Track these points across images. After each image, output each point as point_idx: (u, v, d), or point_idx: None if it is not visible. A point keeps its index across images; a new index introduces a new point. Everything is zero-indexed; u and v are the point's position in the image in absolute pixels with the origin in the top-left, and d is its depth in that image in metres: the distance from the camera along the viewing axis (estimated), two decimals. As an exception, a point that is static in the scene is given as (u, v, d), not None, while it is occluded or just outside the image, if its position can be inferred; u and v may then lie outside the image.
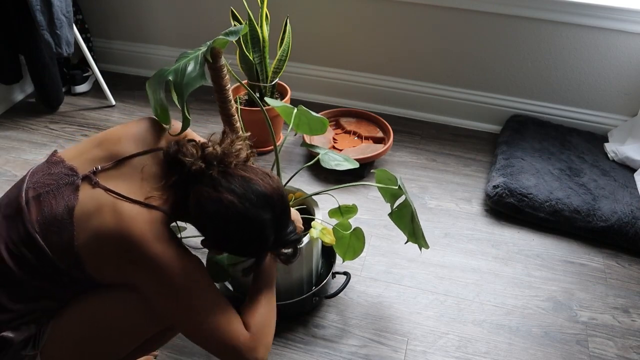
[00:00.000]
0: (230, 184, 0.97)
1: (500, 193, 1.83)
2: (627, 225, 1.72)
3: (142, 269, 0.96)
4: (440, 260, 1.71)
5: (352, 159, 1.44)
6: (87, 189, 0.98)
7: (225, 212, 0.96)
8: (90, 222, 0.95)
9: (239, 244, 1.01)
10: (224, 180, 0.98)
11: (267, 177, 1.01)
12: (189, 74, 1.01)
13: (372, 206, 1.90)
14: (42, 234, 0.95)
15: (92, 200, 0.97)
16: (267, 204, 0.99)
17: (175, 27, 2.49)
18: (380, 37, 2.24)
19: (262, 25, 1.91)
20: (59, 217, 0.95)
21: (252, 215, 0.97)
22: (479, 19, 2.08)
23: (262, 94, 2.04)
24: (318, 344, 1.45)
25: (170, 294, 0.98)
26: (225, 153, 1.01)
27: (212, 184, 0.97)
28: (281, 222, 1.03)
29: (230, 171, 0.99)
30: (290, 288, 1.46)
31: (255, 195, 0.97)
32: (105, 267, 0.98)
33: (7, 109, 2.40)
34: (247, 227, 0.98)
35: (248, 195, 0.97)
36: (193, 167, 0.98)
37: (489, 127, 2.33)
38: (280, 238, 1.04)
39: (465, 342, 1.46)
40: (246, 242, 1.01)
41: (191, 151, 1.00)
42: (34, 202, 0.98)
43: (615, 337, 1.49)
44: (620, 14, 1.91)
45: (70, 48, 2.09)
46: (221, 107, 1.13)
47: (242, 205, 0.96)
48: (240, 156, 1.03)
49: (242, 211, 0.96)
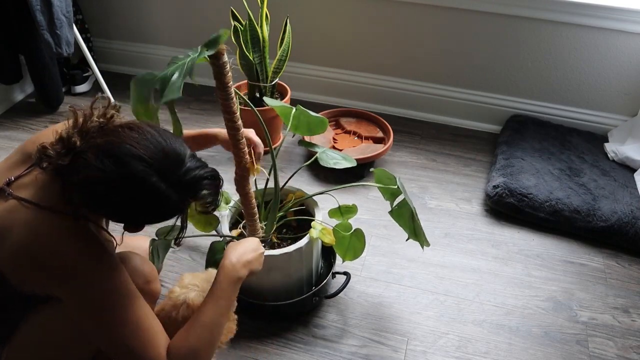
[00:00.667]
0: (85, 161, 0.89)
1: (500, 193, 1.83)
2: (627, 225, 1.72)
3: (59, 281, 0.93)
4: (440, 260, 1.71)
5: (350, 158, 1.44)
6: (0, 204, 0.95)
7: (94, 189, 0.89)
8: (7, 238, 0.92)
9: (137, 209, 0.92)
10: (78, 161, 0.90)
11: (123, 131, 0.92)
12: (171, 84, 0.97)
13: (372, 206, 1.90)
14: None
15: (6, 214, 0.94)
16: (130, 157, 0.88)
17: (175, 27, 2.49)
18: (380, 37, 2.24)
19: (262, 25, 1.91)
20: None
21: (118, 176, 0.88)
22: (479, 19, 2.08)
23: (262, 94, 2.04)
24: (318, 344, 1.44)
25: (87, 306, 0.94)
26: (68, 136, 0.94)
27: (72, 171, 0.90)
28: (163, 164, 0.91)
29: (81, 148, 0.91)
30: (290, 288, 1.46)
31: (111, 156, 0.88)
32: (29, 282, 0.95)
33: (7, 109, 2.40)
34: (124, 189, 0.89)
35: (102, 161, 0.88)
36: (59, 165, 0.91)
37: (489, 127, 2.33)
38: (178, 180, 0.92)
39: (465, 342, 1.46)
40: (141, 203, 0.91)
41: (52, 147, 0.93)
42: None
43: (615, 337, 1.48)
44: (620, 14, 1.91)
45: (70, 48, 2.09)
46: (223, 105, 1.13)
47: (100, 173, 0.87)
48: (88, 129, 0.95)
49: (104, 177, 0.87)
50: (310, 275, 1.50)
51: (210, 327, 1.03)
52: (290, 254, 1.35)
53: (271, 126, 2.07)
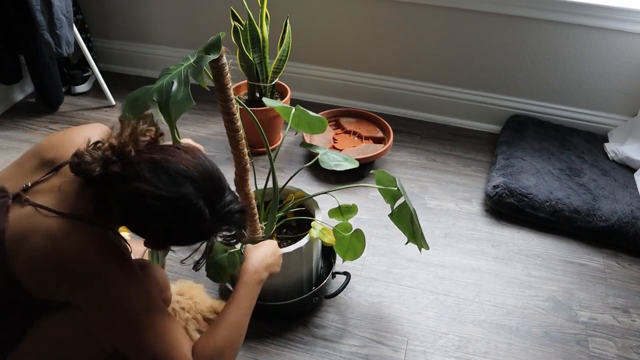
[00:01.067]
0: (138, 172, 0.89)
1: (500, 193, 1.83)
2: (627, 225, 1.72)
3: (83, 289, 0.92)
4: (440, 260, 1.71)
5: (352, 159, 1.44)
6: (17, 210, 0.93)
7: (142, 202, 0.88)
8: (24, 244, 0.91)
9: (175, 229, 0.93)
10: (129, 171, 0.90)
11: (176, 151, 0.93)
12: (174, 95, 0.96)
13: (372, 206, 1.90)
14: None
15: (23, 221, 0.92)
16: (184, 177, 0.90)
17: (175, 27, 2.49)
18: (380, 37, 2.24)
19: (262, 25, 1.91)
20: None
21: (170, 194, 0.88)
22: (479, 19, 2.08)
23: (262, 94, 2.04)
24: (318, 344, 1.45)
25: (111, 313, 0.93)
26: (122, 144, 0.93)
27: (121, 179, 0.90)
28: (210, 191, 0.93)
29: (134, 159, 0.91)
30: (290, 288, 1.46)
31: (165, 172, 0.89)
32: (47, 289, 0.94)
33: (7, 109, 2.40)
34: (171, 209, 0.89)
35: (158, 176, 0.88)
36: (94, 174, 0.90)
37: (489, 127, 2.33)
38: (219, 210, 0.94)
39: (465, 342, 1.46)
40: (181, 226, 0.92)
41: (95, 156, 0.92)
42: None
43: (615, 337, 1.48)
44: (620, 14, 1.91)
45: (70, 48, 2.09)
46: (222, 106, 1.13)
47: (154, 188, 0.88)
48: (140, 141, 0.95)
49: (157, 194, 0.88)
50: (310, 275, 1.50)
51: (235, 328, 1.04)
52: (290, 254, 1.35)
53: (271, 126, 2.07)
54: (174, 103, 0.97)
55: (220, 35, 1.02)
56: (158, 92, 0.99)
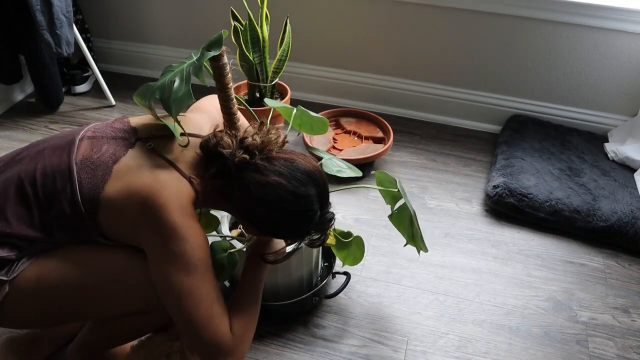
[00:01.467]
0: (275, 167, 1.01)
1: (500, 193, 1.83)
2: (627, 225, 1.72)
3: (157, 233, 0.97)
4: (440, 260, 1.71)
5: (355, 168, 1.42)
6: (139, 148, 1.04)
7: (276, 194, 0.99)
8: (128, 176, 0.99)
9: (289, 224, 1.04)
10: (268, 164, 1.01)
11: (305, 156, 1.06)
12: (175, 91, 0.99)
13: (372, 206, 1.90)
14: (79, 168, 1.00)
15: (139, 159, 1.02)
16: (312, 180, 1.02)
17: (175, 27, 2.49)
18: (380, 37, 2.24)
19: (262, 25, 1.91)
20: (102, 160, 1.01)
21: (302, 192, 1.00)
22: (479, 19, 2.08)
23: (262, 94, 2.04)
24: (318, 344, 1.45)
25: (174, 267, 0.97)
26: (264, 142, 1.04)
27: (258, 170, 1.01)
28: (325, 197, 1.06)
29: (272, 156, 1.04)
30: (290, 288, 1.46)
31: (300, 172, 1.01)
32: (120, 223, 1.00)
33: (7, 109, 2.40)
34: (297, 205, 1.01)
35: (294, 174, 1.01)
36: (236, 159, 1.01)
37: (489, 127, 2.33)
38: (323, 215, 1.07)
39: (465, 342, 1.46)
40: (295, 221, 1.03)
41: (228, 142, 1.03)
42: (88, 141, 1.04)
43: (615, 337, 1.49)
44: (620, 14, 1.91)
45: (70, 48, 2.09)
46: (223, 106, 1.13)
47: (290, 184, 1.00)
48: (278, 142, 1.07)
49: (292, 189, 1.00)
50: (310, 275, 1.50)
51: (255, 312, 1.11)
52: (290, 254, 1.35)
53: (271, 126, 2.07)
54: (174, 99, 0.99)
55: (222, 33, 1.02)
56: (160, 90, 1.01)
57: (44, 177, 1.00)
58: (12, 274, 1.00)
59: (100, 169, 1.00)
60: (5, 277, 0.99)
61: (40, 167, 1.01)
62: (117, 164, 1.01)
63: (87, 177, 0.99)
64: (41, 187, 1.00)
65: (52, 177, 1.00)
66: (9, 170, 1.04)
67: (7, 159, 1.08)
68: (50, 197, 0.99)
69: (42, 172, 1.01)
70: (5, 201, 1.00)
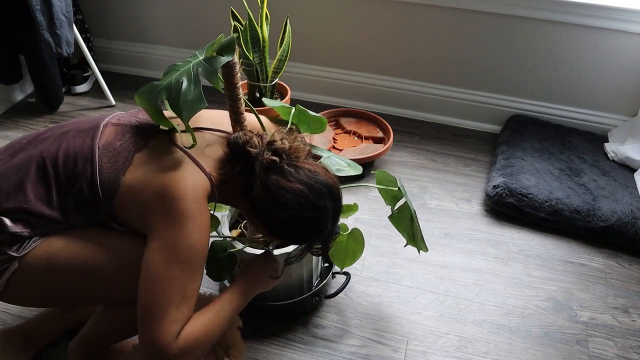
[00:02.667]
0: (300, 175, 1.03)
1: (500, 193, 1.83)
2: (627, 225, 1.72)
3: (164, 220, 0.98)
4: (440, 260, 1.71)
5: (356, 165, 1.40)
6: (160, 139, 1.06)
7: (297, 201, 1.01)
8: (148, 166, 1.02)
9: (301, 231, 1.06)
10: (294, 171, 1.03)
11: (327, 171, 1.08)
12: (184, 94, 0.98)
13: (372, 206, 1.90)
14: (102, 152, 1.02)
15: (159, 150, 1.04)
16: (331, 194, 1.05)
17: (175, 27, 2.49)
18: (380, 37, 2.24)
19: (262, 25, 1.91)
20: (124, 147, 1.03)
21: (320, 204, 1.03)
22: (479, 19, 2.08)
23: (262, 94, 2.04)
24: (318, 344, 1.45)
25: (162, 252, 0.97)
26: (292, 147, 1.06)
27: (283, 174, 1.02)
28: (338, 212, 1.09)
29: (298, 163, 1.05)
30: (290, 288, 1.46)
31: (322, 185, 1.04)
32: (133, 210, 1.02)
33: (7, 109, 2.40)
34: (313, 215, 1.03)
35: (316, 186, 1.03)
36: (264, 159, 1.03)
37: (489, 127, 2.33)
38: (332, 229, 1.11)
39: (465, 342, 1.46)
40: (306, 229, 1.05)
41: (257, 143, 1.05)
42: (112, 127, 1.07)
43: (615, 337, 1.49)
44: (620, 14, 1.92)
45: (70, 48, 2.09)
46: (231, 105, 1.13)
47: (312, 194, 1.02)
48: (305, 150, 1.09)
49: (312, 200, 1.02)
50: (310, 275, 1.50)
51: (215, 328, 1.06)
52: (290, 254, 1.35)
53: (271, 126, 2.07)
54: (185, 102, 0.98)
55: (234, 37, 1.02)
56: (167, 90, 0.99)
57: (66, 158, 1.02)
58: (22, 250, 1.01)
59: (121, 155, 1.02)
60: (16, 253, 1.00)
61: (64, 147, 1.04)
62: (139, 153, 1.03)
63: (107, 163, 1.02)
64: (63, 167, 1.02)
65: (74, 159, 1.02)
66: (32, 148, 1.06)
67: (31, 137, 1.10)
68: (71, 178, 1.01)
69: (65, 153, 1.03)
70: (26, 176, 1.02)
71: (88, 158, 1.02)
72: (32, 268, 1.01)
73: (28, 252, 1.01)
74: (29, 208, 1.00)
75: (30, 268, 1.01)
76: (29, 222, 1.01)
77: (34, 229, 1.02)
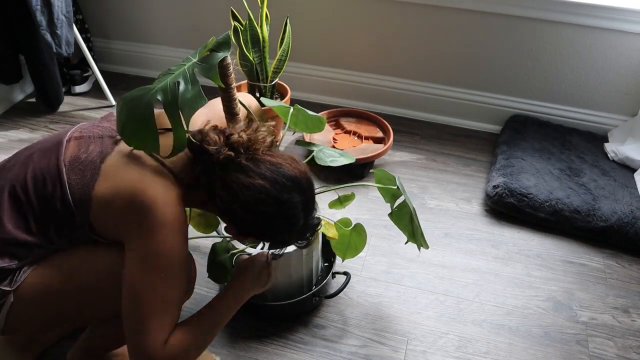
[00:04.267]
0: (260, 169, 0.98)
1: (500, 193, 1.83)
2: (627, 225, 1.72)
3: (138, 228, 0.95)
4: (440, 260, 1.71)
5: (348, 154, 1.41)
6: (126, 146, 1.01)
7: (258, 197, 0.97)
8: (116, 174, 0.98)
9: (270, 228, 1.02)
10: (253, 166, 0.99)
11: (294, 161, 1.03)
12: (182, 93, 0.96)
13: (372, 206, 1.90)
14: (68, 168, 0.99)
15: (126, 157, 1.00)
16: (297, 186, 1.00)
17: (175, 27, 2.49)
18: (380, 37, 2.24)
19: (262, 25, 1.91)
20: (90, 159, 0.99)
21: (284, 198, 0.98)
22: (479, 19, 2.08)
23: (262, 94, 2.04)
24: (318, 344, 1.45)
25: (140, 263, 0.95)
26: (251, 140, 1.01)
27: (242, 170, 0.98)
28: (310, 204, 1.05)
29: (258, 157, 1.00)
30: (290, 288, 1.46)
31: (285, 178, 0.99)
32: (109, 220, 0.99)
33: (7, 109, 2.40)
34: (279, 210, 0.99)
35: (279, 179, 0.98)
36: (221, 156, 0.98)
37: (489, 127, 2.33)
38: (307, 222, 1.05)
39: (465, 342, 1.46)
40: (277, 226, 1.02)
41: (214, 139, 1.00)
42: (75, 141, 1.03)
43: (615, 337, 1.49)
44: (620, 14, 1.92)
45: (70, 48, 2.09)
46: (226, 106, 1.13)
47: (273, 189, 0.97)
48: (266, 142, 1.03)
49: (274, 194, 0.97)
50: (310, 275, 1.50)
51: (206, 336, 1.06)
52: (290, 254, 1.35)
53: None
54: (185, 101, 0.96)
55: (229, 34, 1.01)
56: (162, 92, 0.98)
57: (35, 181, 0.99)
58: (15, 283, 0.99)
59: (88, 169, 0.99)
60: (9, 287, 0.98)
61: (31, 171, 1.00)
62: (105, 162, 0.99)
63: (76, 178, 0.98)
64: (33, 191, 0.99)
65: (42, 180, 0.99)
66: (1, 179, 1.03)
67: None
68: (43, 201, 0.98)
69: (33, 177, 1.00)
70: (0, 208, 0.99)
71: (56, 177, 0.98)
72: (27, 298, 1.00)
73: (20, 283, 0.99)
74: (10, 239, 0.98)
75: (25, 299, 1.00)
76: (14, 253, 0.99)
77: (20, 260, 0.99)
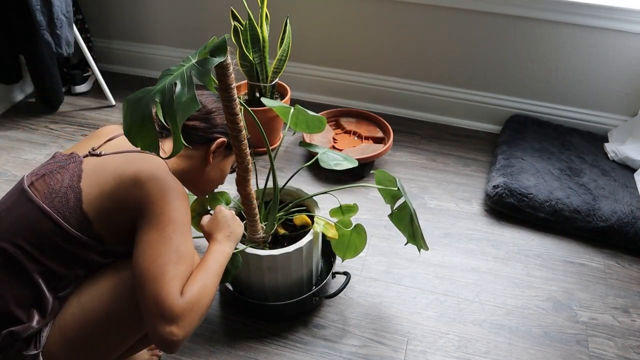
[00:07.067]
0: None
1: (500, 193, 1.83)
2: (627, 225, 1.72)
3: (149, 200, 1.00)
4: (440, 260, 1.71)
5: (351, 158, 1.43)
6: (91, 160, 1.06)
7: None
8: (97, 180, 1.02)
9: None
10: None
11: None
12: (178, 96, 0.96)
13: (372, 206, 1.90)
14: (49, 204, 0.99)
15: (99, 164, 1.04)
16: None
17: (175, 27, 2.49)
18: (380, 37, 2.24)
19: (262, 25, 1.91)
20: (66, 185, 1.01)
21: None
22: (479, 19, 2.08)
23: (262, 94, 2.04)
24: (318, 344, 1.45)
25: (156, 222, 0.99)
26: None
27: None
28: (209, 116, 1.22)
29: None
30: (290, 288, 1.46)
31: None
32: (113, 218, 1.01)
33: (7, 109, 2.40)
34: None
35: None
36: None
37: (489, 127, 2.33)
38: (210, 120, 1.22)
39: (465, 342, 1.46)
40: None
41: None
42: (39, 182, 1.03)
43: (615, 337, 1.49)
44: (620, 14, 1.92)
45: (70, 48, 2.09)
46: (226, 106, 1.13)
47: None
48: None
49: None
50: (310, 275, 1.50)
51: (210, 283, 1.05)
52: (290, 254, 1.35)
53: (271, 126, 2.07)
54: (179, 104, 0.97)
55: (225, 37, 1.01)
56: (161, 93, 0.98)
57: (22, 231, 0.98)
58: (40, 345, 0.99)
59: (69, 193, 1.00)
60: (36, 350, 0.98)
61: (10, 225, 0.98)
62: (82, 180, 1.02)
63: (63, 207, 0.98)
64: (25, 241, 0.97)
65: (30, 227, 0.98)
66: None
67: None
68: (41, 245, 0.97)
69: (18, 230, 0.98)
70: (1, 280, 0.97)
71: (41, 216, 0.97)
72: (55, 353, 1.00)
73: (45, 342, 0.99)
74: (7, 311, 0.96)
75: (53, 354, 1.00)
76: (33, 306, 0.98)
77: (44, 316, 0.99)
